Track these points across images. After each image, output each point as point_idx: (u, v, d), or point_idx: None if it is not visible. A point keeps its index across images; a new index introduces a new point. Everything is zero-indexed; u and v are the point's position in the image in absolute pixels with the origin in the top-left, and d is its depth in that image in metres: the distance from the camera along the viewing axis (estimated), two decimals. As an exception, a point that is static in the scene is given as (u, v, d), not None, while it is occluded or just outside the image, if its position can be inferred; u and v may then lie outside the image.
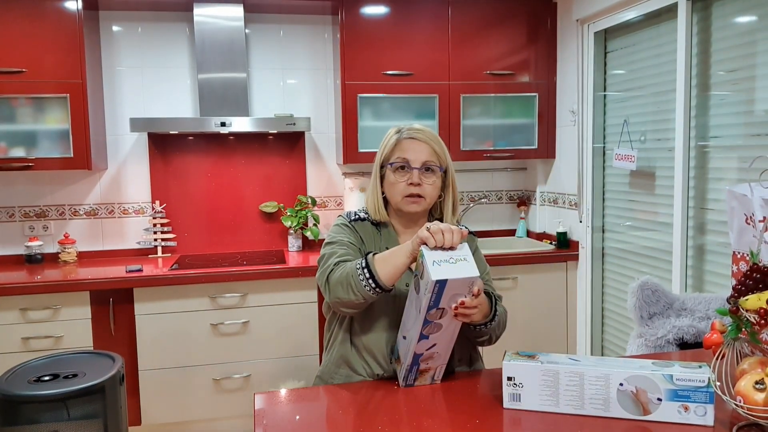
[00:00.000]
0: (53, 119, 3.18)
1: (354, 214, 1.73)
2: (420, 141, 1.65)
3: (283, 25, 3.67)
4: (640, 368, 1.30)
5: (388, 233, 1.70)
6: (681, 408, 1.28)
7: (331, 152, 3.79)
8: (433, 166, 1.65)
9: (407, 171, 1.63)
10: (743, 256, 1.83)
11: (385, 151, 1.67)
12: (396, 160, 1.64)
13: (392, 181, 1.65)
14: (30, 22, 3.07)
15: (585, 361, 1.37)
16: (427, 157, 1.64)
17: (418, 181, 1.62)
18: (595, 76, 3.35)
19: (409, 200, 1.64)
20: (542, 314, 3.52)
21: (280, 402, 1.50)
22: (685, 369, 1.29)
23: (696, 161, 2.67)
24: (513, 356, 1.40)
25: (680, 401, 1.27)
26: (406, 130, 1.67)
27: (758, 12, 2.36)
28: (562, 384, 1.34)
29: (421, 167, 1.63)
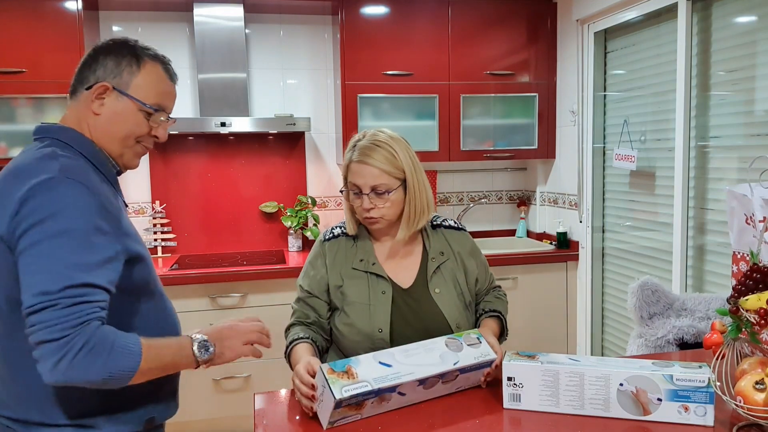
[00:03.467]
0: (53, 119, 3.17)
1: (330, 231, 1.73)
2: (367, 165, 1.57)
3: (283, 25, 3.67)
4: (640, 368, 1.30)
5: (363, 245, 1.68)
6: (681, 408, 1.28)
7: (331, 152, 3.79)
8: (383, 189, 1.58)
9: (360, 196, 1.60)
10: (743, 256, 1.83)
11: (343, 170, 1.66)
12: (350, 186, 1.63)
13: (351, 203, 1.65)
14: (30, 22, 3.07)
15: (585, 361, 1.36)
16: (374, 181, 1.57)
17: (369, 206, 1.59)
18: (595, 76, 3.35)
19: (366, 221, 1.63)
20: (542, 314, 3.52)
21: (280, 402, 1.50)
22: (685, 369, 1.29)
23: (696, 161, 2.67)
24: (513, 356, 1.40)
25: (680, 401, 1.27)
26: (358, 148, 1.60)
27: (758, 12, 2.36)
28: (562, 384, 1.33)
29: (370, 192, 1.59)
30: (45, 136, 1.26)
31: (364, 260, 1.65)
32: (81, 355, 1.06)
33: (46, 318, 1.06)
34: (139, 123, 1.30)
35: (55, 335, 1.05)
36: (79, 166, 1.20)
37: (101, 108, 1.27)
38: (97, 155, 1.28)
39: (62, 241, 1.09)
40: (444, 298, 1.65)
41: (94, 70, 1.27)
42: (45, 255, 1.09)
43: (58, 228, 1.10)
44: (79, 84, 1.28)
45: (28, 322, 1.07)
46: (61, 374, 1.06)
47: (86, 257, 1.11)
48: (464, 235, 1.78)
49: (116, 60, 1.28)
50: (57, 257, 1.09)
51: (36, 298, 1.06)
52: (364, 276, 1.64)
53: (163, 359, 1.19)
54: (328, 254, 1.68)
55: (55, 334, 1.05)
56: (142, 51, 1.32)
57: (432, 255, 1.69)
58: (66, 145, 1.24)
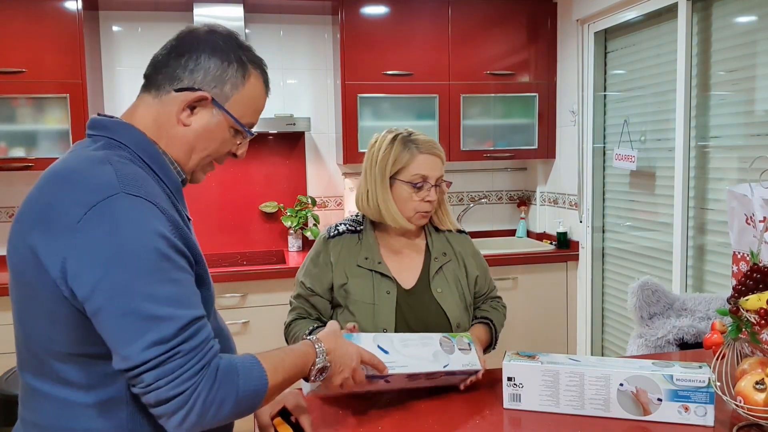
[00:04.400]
0: (53, 119, 3.18)
1: (335, 227, 1.71)
2: (437, 157, 1.63)
3: (283, 25, 3.67)
4: (640, 368, 1.30)
5: (368, 242, 1.67)
6: (681, 408, 1.28)
7: (331, 152, 3.79)
8: (443, 181, 1.65)
9: (422, 187, 1.61)
10: (743, 256, 1.83)
11: (396, 161, 1.61)
12: (413, 178, 1.60)
13: (405, 197, 1.61)
14: (30, 22, 3.07)
15: (585, 361, 1.37)
16: (440, 172, 1.64)
17: (434, 198, 1.62)
18: (595, 76, 3.35)
19: (422, 216, 1.64)
20: (542, 314, 3.52)
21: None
22: (685, 369, 1.29)
23: (696, 161, 2.67)
24: (513, 356, 1.40)
25: (680, 401, 1.27)
26: (422, 142, 1.63)
27: (758, 12, 2.36)
28: (562, 384, 1.33)
29: (435, 183, 1.63)
30: (97, 134, 1.05)
31: (370, 258, 1.65)
32: (209, 401, 0.93)
33: (167, 371, 0.90)
34: (226, 141, 1.11)
35: (181, 388, 0.91)
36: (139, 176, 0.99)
37: (190, 118, 1.06)
38: (160, 161, 1.06)
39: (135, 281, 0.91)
40: (446, 298, 1.65)
41: (191, 71, 1.05)
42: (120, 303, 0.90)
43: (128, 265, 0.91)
44: (167, 81, 1.05)
45: (141, 379, 0.91)
46: (193, 427, 0.94)
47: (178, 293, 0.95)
48: (466, 238, 1.80)
49: (222, 65, 1.06)
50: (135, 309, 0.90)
51: (146, 353, 0.89)
52: (368, 274, 1.63)
53: (288, 373, 1.08)
54: (332, 252, 1.67)
55: (181, 387, 0.91)
56: (248, 56, 1.11)
57: (435, 255, 1.69)
58: (121, 146, 1.03)
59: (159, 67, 1.06)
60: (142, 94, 1.08)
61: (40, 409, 1.04)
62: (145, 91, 1.08)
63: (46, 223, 0.93)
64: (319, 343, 1.16)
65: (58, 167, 1.01)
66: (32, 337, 1.01)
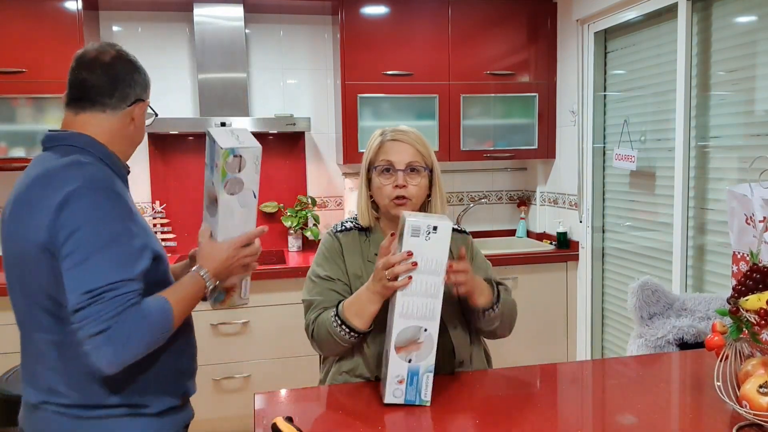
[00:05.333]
0: (53, 119, 3.18)
1: (341, 224, 1.72)
2: (403, 142, 1.64)
3: (283, 25, 3.67)
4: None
5: (377, 239, 1.67)
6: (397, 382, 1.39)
7: (331, 152, 3.79)
8: (417, 167, 1.63)
9: (392, 173, 1.62)
10: (743, 256, 1.83)
11: (369, 154, 1.67)
12: (381, 163, 1.63)
13: (378, 185, 1.64)
14: (30, 22, 3.07)
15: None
16: (410, 158, 1.63)
17: (403, 182, 1.61)
18: (595, 76, 3.35)
19: (396, 203, 1.62)
20: (542, 314, 3.52)
21: (280, 402, 1.50)
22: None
23: (696, 161, 2.67)
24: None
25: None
26: (390, 132, 1.67)
27: (758, 12, 2.36)
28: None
29: (405, 168, 1.62)
30: (60, 144, 1.35)
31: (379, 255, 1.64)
32: (125, 339, 1.18)
33: (90, 313, 1.16)
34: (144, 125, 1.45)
35: (101, 327, 1.16)
36: (104, 173, 1.30)
37: (134, 121, 1.40)
38: (113, 158, 1.37)
39: (99, 245, 1.20)
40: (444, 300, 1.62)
41: (133, 88, 1.38)
42: (84, 259, 1.19)
43: (94, 234, 1.21)
44: (122, 101, 1.36)
45: (75, 318, 1.17)
46: (115, 364, 1.19)
47: (121, 257, 1.22)
48: (466, 238, 1.79)
49: (142, 76, 1.41)
50: (96, 260, 1.19)
51: (80, 297, 1.17)
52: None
53: (188, 305, 1.36)
54: (344, 245, 1.67)
55: (101, 326, 1.16)
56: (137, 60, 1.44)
57: None
58: (84, 151, 1.33)
59: (101, 92, 1.35)
60: (79, 112, 1.37)
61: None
62: (84, 110, 1.36)
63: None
64: (202, 271, 1.39)
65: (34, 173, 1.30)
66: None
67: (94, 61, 1.35)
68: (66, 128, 1.38)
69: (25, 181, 1.30)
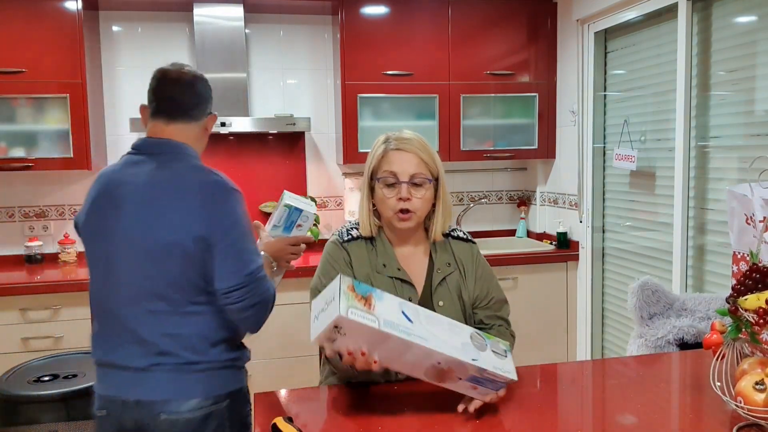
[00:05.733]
0: (53, 119, 3.18)
1: (347, 232, 1.66)
2: (407, 152, 1.57)
3: (283, 25, 3.67)
4: (463, 347, 1.28)
5: (383, 248, 1.63)
6: (471, 387, 1.32)
7: (331, 152, 3.79)
8: (421, 179, 1.57)
9: (396, 185, 1.57)
10: (743, 256, 1.83)
11: (373, 162, 1.61)
12: (384, 174, 1.58)
13: (381, 197, 1.59)
14: (30, 22, 3.07)
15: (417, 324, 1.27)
16: (414, 169, 1.57)
17: (408, 195, 1.55)
18: (595, 76, 3.35)
19: (400, 216, 1.57)
20: (542, 314, 3.52)
21: (280, 402, 1.50)
22: (496, 361, 1.30)
23: (696, 161, 2.67)
24: (349, 297, 1.21)
25: (474, 384, 1.31)
26: (393, 139, 1.60)
27: (758, 12, 2.36)
28: (386, 345, 1.24)
29: (409, 180, 1.56)
30: (167, 150, 1.58)
31: (388, 265, 1.60)
32: (269, 306, 1.60)
33: (251, 289, 1.51)
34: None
35: (258, 299, 1.53)
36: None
37: (207, 130, 1.70)
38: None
39: (247, 236, 1.53)
40: (447, 312, 1.55)
41: (208, 103, 1.66)
42: (242, 248, 1.51)
43: (243, 227, 1.53)
44: (200, 113, 1.64)
45: (236, 294, 1.49)
46: (261, 326, 1.61)
47: (255, 245, 1.58)
48: (472, 247, 1.73)
49: (211, 92, 1.68)
50: (248, 249, 1.53)
51: (243, 278, 1.49)
52: (388, 281, 1.59)
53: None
54: (352, 256, 1.62)
55: (258, 299, 1.53)
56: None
57: (438, 266, 1.65)
58: (192, 157, 1.62)
59: (189, 106, 1.61)
60: (175, 123, 1.60)
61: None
62: (179, 122, 1.60)
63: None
64: (265, 255, 1.71)
65: (163, 179, 1.55)
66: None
67: (179, 80, 1.59)
68: (158, 136, 1.59)
69: (149, 180, 1.53)
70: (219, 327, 1.57)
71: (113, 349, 1.56)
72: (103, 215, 1.55)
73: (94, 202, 1.58)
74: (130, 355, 1.53)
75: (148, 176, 1.53)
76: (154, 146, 1.59)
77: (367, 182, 1.64)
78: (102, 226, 1.55)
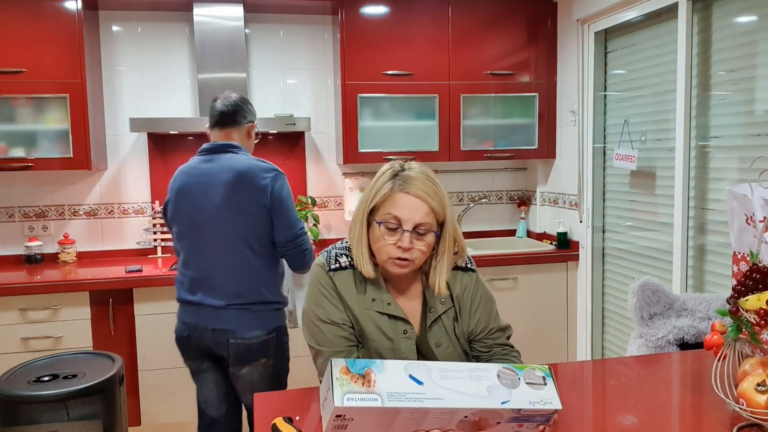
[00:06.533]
0: (53, 119, 3.18)
1: (335, 259, 1.51)
2: (416, 198, 1.40)
3: (283, 25, 3.67)
4: (489, 393, 1.15)
5: (374, 284, 1.49)
6: (516, 426, 1.19)
7: (331, 152, 3.79)
8: (426, 229, 1.42)
9: (397, 231, 1.41)
10: (744, 256, 1.83)
11: (375, 198, 1.44)
12: (387, 218, 1.41)
13: (378, 237, 1.43)
14: (30, 22, 3.07)
15: (429, 385, 1.14)
16: (421, 218, 1.40)
17: (409, 245, 1.40)
18: (595, 76, 3.35)
19: (395, 263, 1.43)
20: (542, 314, 3.52)
21: (280, 402, 1.50)
22: (533, 395, 1.16)
23: (696, 161, 2.67)
24: (344, 382, 1.12)
25: (519, 422, 1.18)
26: (402, 178, 1.42)
27: (758, 12, 2.36)
28: (400, 419, 1.13)
29: (413, 229, 1.40)
30: (234, 149, 2.26)
31: (378, 300, 1.48)
32: (312, 255, 2.26)
33: (302, 240, 2.24)
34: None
35: (307, 247, 2.27)
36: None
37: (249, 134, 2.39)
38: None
39: (292, 206, 2.24)
40: (444, 354, 1.50)
41: (247, 114, 2.35)
42: (288, 213, 2.21)
43: (290, 195, 2.24)
44: (244, 119, 2.33)
45: (298, 242, 2.23)
46: (308, 268, 2.23)
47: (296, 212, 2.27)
48: (471, 278, 1.58)
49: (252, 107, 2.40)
50: (293, 214, 2.23)
51: (298, 232, 2.23)
52: (379, 317, 1.48)
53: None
54: (339, 285, 1.48)
55: (307, 246, 2.27)
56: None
57: (431, 305, 1.52)
58: (244, 152, 2.30)
59: (235, 116, 2.31)
60: (226, 129, 2.30)
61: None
62: (228, 128, 2.30)
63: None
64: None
65: (241, 166, 2.20)
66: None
67: (225, 100, 2.32)
68: (223, 140, 2.29)
69: (223, 170, 2.19)
70: (273, 277, 2.26)
71: (195, 292, 2.23)
72: (192, 197, 2.21)
73: (180, 190, 2.25)
74: (209, 296, 2.20)
75: (221, 167, 2.19)
76: (218, 147, 2.26)
77: (365, 216, 1.47)
78: (191, 204, 2.21)
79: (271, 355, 2.26)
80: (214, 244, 2.19)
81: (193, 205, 2.21)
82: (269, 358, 2.26)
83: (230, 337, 2.19)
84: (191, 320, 2.25)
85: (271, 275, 2.25)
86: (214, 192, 2.17)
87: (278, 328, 2.28)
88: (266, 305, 2.23)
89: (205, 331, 2.21)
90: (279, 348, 2.30)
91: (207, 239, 2.20)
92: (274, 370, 2.29)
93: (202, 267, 2.22)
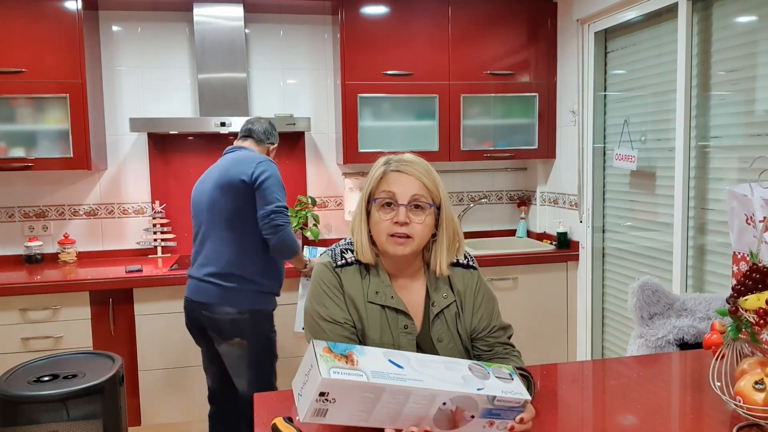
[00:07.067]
0: (53, 119, 3.18)
1: (341, 255, 1.51)
2: (408, 174, 1.44)
3: (283, 25, 3.67)
4: (465, 381, 1.19)
5: (378, 277, 1.49)
6: (487, 423, 1.20)
7: (331, 152, 3.79)
8: (422, 203, 1.43)
9: (393, 208, 1.43)
10: (744, 256, 1.83)
11: (371, 183, 1.47)
12: (381, 195, 1.44)
13: (377, 219, 1.44)
14: (30, 22, 3.07)
15: (408, 368, 1.18)
16: (415, 191, 1.43)
17: (405, 219, 1.41)
18: (595, 76, 3.35)
19: (394, 240, 1.42)
20: (542, 314, 3.52)
21: (280, 402, 1.50)
22: (505, 386, 1.20)
23: (696, 161, 2.67)
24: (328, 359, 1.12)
25: (490, 418, 1.19)
26: (394, 161, 1.47)
27: (758, 12, 2.36)
28: (382, 401, 1.13)
29: (408, 203, 1.42)
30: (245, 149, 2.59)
31: (381, 293, 1.48)
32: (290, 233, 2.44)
33: (279, 215, 2.38)
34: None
35: (284, 221, 2.40)
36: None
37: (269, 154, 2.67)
38: None
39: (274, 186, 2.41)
40: (446, 349, 1.50)
41: (269, 135, 2.68)
42: (267, 191, 2.38)
43: (274, 179, 2.42)
44: (266, 138, 2.66)
45: (272, 218, 2.36)
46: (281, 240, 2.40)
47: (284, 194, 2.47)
48: (472, 275, 1.59)
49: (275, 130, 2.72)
50: (273, 194, 2.39)
51: (276, 206, 2.38)
52: (381, 311, 1.48)
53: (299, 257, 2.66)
54: (345, 283, 1.49)
55: (285, 221, 2.40)
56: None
57: (433, 299, 1.52)
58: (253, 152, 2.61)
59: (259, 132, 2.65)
60: (249, 140, 2.64)
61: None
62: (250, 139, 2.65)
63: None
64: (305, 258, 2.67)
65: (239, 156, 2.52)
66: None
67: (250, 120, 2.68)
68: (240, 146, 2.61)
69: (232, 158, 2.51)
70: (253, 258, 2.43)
71: (192, 266, 2.51)
72: (200, 183, 2.58)
73: (198, 181, 2.61)
74: (196, 270, 2.47)
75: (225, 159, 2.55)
76: (233, 148, 2.60)
77: (363, 206, 1.49)
78: (199, 189, 2.57)
79: (246, 335, 2.42)
80: (207, 222, 2.47)
81: (198, 190, 2.57)
82: (242, 338, 2.42)
83: (203, 310, 2.41)
84: (186, 294, 2.52)
85: (252, 256, 2.42)
86: (212, 177, 2.50)
87: (254, 311, 2.44)
88: (242, 284, 2.40)
89: (189, 302, 2.49)
90: (255, 330, 2.44)
91: (203, 218, 2.50)
92: (251, 352, 2.45)
93: (197, 243, 2.53)
